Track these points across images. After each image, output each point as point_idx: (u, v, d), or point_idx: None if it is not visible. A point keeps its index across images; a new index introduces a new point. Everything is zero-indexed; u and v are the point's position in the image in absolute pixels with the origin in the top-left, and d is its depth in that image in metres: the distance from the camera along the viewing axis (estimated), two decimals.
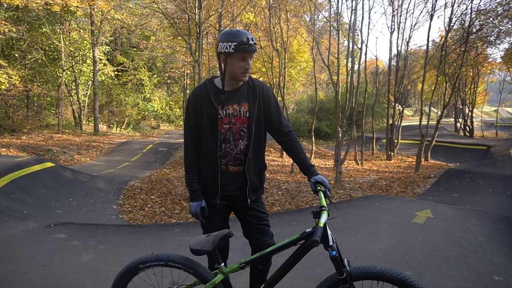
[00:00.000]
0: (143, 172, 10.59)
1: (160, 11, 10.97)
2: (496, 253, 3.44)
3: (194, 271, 1.85)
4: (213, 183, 2.03)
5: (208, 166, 2.03)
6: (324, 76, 31.36)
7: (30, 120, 17.44)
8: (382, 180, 10.05)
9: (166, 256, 1.86)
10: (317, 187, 1.91)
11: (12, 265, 3.21)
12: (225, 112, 2.00)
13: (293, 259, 1.80)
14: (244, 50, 1.87)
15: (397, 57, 15.06)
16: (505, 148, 12.88)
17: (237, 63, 1.91)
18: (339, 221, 4.42)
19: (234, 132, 2.02)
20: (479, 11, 12.61)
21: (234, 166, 2.04)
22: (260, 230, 2.11)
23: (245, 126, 2.03)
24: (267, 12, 12.69)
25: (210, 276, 1.86)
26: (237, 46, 1.85)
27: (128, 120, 22.96)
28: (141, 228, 4.64)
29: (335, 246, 1.70)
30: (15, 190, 6.12)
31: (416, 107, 50.74)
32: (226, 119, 2.00)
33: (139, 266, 1.87)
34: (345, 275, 1.69)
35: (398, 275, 1.67)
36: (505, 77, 25.68)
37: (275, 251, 1.82)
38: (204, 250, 1.76)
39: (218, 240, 1.80)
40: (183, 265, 1.85)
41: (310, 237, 1.74)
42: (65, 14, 16.30)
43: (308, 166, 2.03)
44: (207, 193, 2.06)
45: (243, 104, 2.02)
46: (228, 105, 2.00)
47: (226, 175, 2.04)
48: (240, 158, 2.04)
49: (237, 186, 2.06)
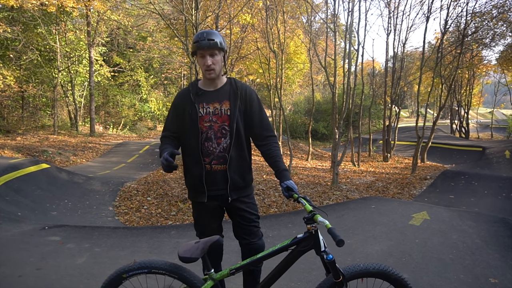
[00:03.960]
0: (139, 173, 10.55)
1: (157, 12, 10.93)
2: (492, 256, 3.44)
3: (180, 277, 1.82)
4: (199, 182, 2.05)
5: (193, 165, 2.06)
6: (321, 77, 31.43)
7: (25, 121, 17.30)
8: (379, 181, 10.07)
9: (149, 263, 1.83)
10: (294, 195, 1.89)
11: (6, 268, 3.17)
12: (206, 110, 2.04)
13: (285, 264, 1.80)
14: (198, 47, 1.93)
15: (394, 58, 15.11)
16: (500, 150, 12.95)
17: (200, 61, 1.99)
18: (336, 223, 4.41)
19: (216, 130, 2.04)
20: (474, 14, 12.68)
21: (218, 164, 2.06)
22: (249, 231, 2.13)
23: (227, 124, 2.05)
24: (264, 13, 12.68)
25: (199, 282, 1.83)
26: (193, 45, 1.96)
27: (125, 121, 22.86)
28: (137, 230, 4.60)
29: (329, 250, 1.72)
30: (10, 191, 6.06)
31: (413, 108, 50.93)
32: (207, 117, 2.03)
33: (122, 276, 1.83)
34: (341, 278, 1.70)
35: (383, 269, 1.76)
36: (500, 79, 25.87)
37: (265, 257, 1.82)
38: (193, 257, 1.73)
39: (207, 247, 1.78)
40: (167, 271, 1.82)
41: (301, 243, 1.75)
42: (60, 15, 16.21)
43: (282, 170, 2.03)
44: (196, 191, 2.10)
45: (224, 103, 2.06)
46: (208, 104, 2.05)
47: (211, 174, 2.06)
48: (224, 156, 2.05)
49: (221, 185, 2.07)
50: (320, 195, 7.90)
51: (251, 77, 20.38)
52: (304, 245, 1.74)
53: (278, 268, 1.82)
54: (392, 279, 1.77)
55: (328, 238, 1.68)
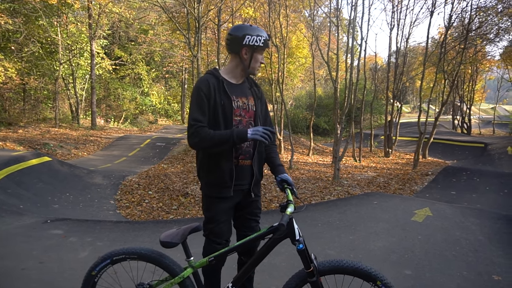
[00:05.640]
0: (140, 167, 10.55)
1: (159, 5, 10.86)
2: (495, 253, 3.44)
3: (159, 263, 1.87)
4: (228, 176, 2.02)
5: (223, 159, 2.00)
6: (323, 72, 31.31)
7: (27, 114, 17.27)
8: (380, 177, 10.05)
9: (126, 250, 1.89)
10: (284, 185, 1.98)
11: (9, 261, 3.18)
12: (237, 104, 2.03)
13: (262, 253, 1.82)
14: (268, 45, 2.01)
15: (396, 53, 14.99)
16: (502, 146, 12.92)
17: (258, 56, 2.01)
18: (338, 219, 4.41)
19: (244, 125, 2.05)
20: (479, 8, 12.57)
21: (244, 159, 2.07)
22: (250, 225, 2.18)
23: (253, 119, 2.09)
24: (267, 7, 12.59)
25: (179, 269, 1.87)
26: (265, 41, 1.97)
27: (126, 114, 22.82)
28: (139, 224, 4.61)
29: (302, 240, 1.74)
30: (12, 184, 6.07)
31: (414, 104, 50.81)
32: (238, 111, 2.03)
33: (91, 273, 1.90)
34: (312, 268, 1.73)
35: (363, 268, 1.70)
36: (503, 74, 25.73)
37: (242, 246, 1.86)
38: (173, 242, 1.78)
39: (187, 233, 1.83)
40: (145, 258, 1.87)
41: (277, 231, 1.75)
42: (62, 7, 16.09)
43: (277, 165, 2.11)
44: (222, 186, 2.03)
45: (250, 98, 2.10)
46: (238, 97, 2.05)
47: (238, 169, 2.05)
48: (250, 151, 2.08)
49: (246, 180, 2.09)
50: (321, 190, 7.90)
51: None
52: (280, 233, 1.74)
53: (256, 257, 1.84)
54: (371, 278, 1.69)
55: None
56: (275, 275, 2.94)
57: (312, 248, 1.79)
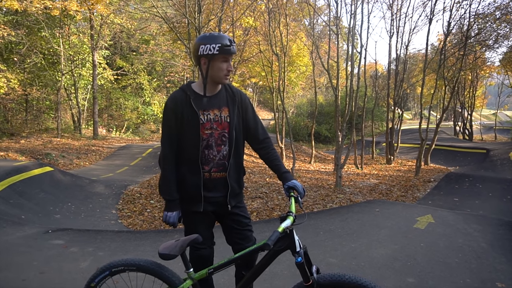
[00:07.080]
0: (142, 176, 10.55)
1: (160, 16, 10.98)
2: (498, 259, 3.41)
3: (159, 275, 1.84)
4: (196, 191, 2.00)
5: (190, 173, 2.00)
6: (323, 80, 31.44)
7: (29, 124, 17.39)
8: (382, 184, 10.02)
9: (125, 261, 1.86)
10: (290, 193, 1.91)
11: (10, 272, 3.17)
12: (206, 117, 1.98)
13: (261, 266, 1.79)
14: (228, 52, 1.88)
15: (396, 61, 15.07)
16: (504, 152, 12.88)
17: (220, 65, 1.92)
18: (340, 227, 4.39)
19: (216, 138, 2.00)
20: (477, 15, 12.65)
21: (217, 172, 2.02)
22: (243, 235, 2.11)
23: (226, 131, 2.02)
24: (267, 16, 12.71)
25: (178, 281, 1.84)
26: (221, 48, 1.87)
27: (128, 124, 22.93)
28: (140, 234, 4.60)
29: (301, 252, 1.68)
30: (14, 194, 6.07)
31: (416, 110, 50.84)
32: (208, 125, 1.98)
33: (90, 285, 1.88)
34: (311, 281, 1.67)
35: (367, 285, 1.61)
36: (503, 80, 25.78)
37: (242, 257, 1.82)
38: (171, 254, 1.75)
39: (186, 244, 1.80)
40: (144, 270, 1.85)
41: (277, 243, 1.71)
42: (64, 18, 16.30)
43: (283, 172, 2.02)
44: (190, 201, 2.02)
45: (223, 109, 2.02)
46: (209, 110, 1.99)
47: (209, 182, 2.02)
48: (224, 164, 2.03)
49: (220, 192, 2.05)
50: (324, 198, 7.88)
51: (253, 79, 20.42)
52: (280, 245, 1.70)
53: (255, 269, 1.81)
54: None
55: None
56: (276, 284, 2.92)
57: (314, 257, 1.76)
